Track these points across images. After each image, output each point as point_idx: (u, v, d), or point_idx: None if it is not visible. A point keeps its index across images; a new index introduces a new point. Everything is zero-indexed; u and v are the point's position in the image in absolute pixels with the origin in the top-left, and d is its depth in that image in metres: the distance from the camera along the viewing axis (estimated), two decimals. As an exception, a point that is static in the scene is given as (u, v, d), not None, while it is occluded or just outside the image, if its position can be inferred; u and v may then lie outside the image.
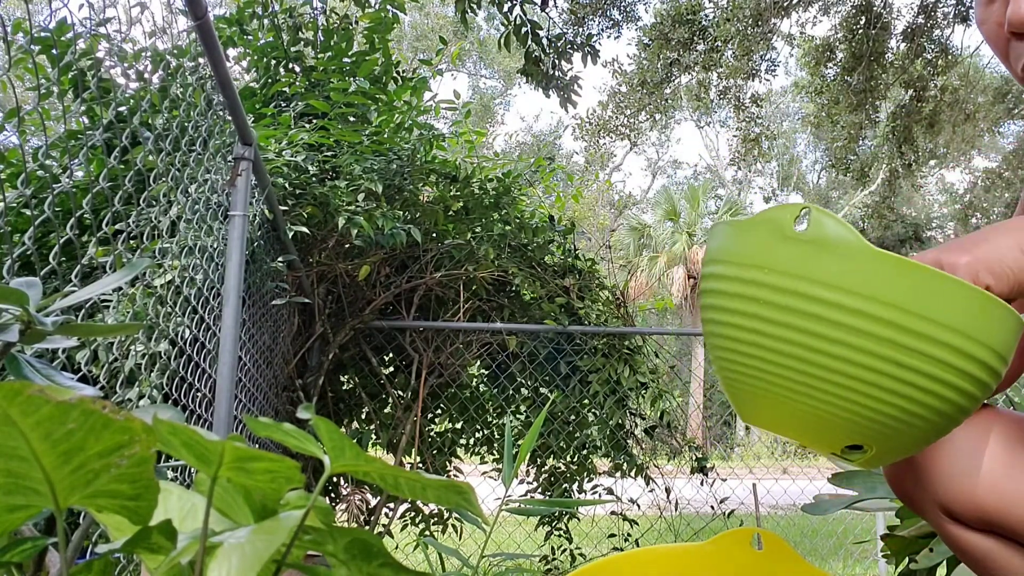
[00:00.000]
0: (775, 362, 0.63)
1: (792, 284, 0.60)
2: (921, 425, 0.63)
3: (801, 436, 0.69)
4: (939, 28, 9.01)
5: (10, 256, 1.26)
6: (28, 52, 2.00)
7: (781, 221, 0.62)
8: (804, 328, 0.60)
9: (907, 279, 0.58)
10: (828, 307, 0.59)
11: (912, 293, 0.58)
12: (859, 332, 0.58)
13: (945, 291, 0.58)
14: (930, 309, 0.57)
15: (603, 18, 8.65)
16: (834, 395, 0.62)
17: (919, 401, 0.60)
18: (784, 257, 0.61)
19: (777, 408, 0.67)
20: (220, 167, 2.25)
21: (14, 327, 0.64)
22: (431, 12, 20.90)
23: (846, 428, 0.64)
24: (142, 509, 0.48)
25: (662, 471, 4.10)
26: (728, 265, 0.66)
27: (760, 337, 0.63)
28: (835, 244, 0.59)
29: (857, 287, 0.58)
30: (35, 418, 0.41)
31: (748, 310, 0.63)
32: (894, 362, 0.58)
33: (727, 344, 0.67)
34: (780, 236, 0.62)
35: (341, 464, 0.53)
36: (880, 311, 0.58)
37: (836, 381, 0.61)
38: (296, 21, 3.45)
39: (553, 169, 4.15)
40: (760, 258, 0.62)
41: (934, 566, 1.22)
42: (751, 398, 0.69)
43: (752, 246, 0.64)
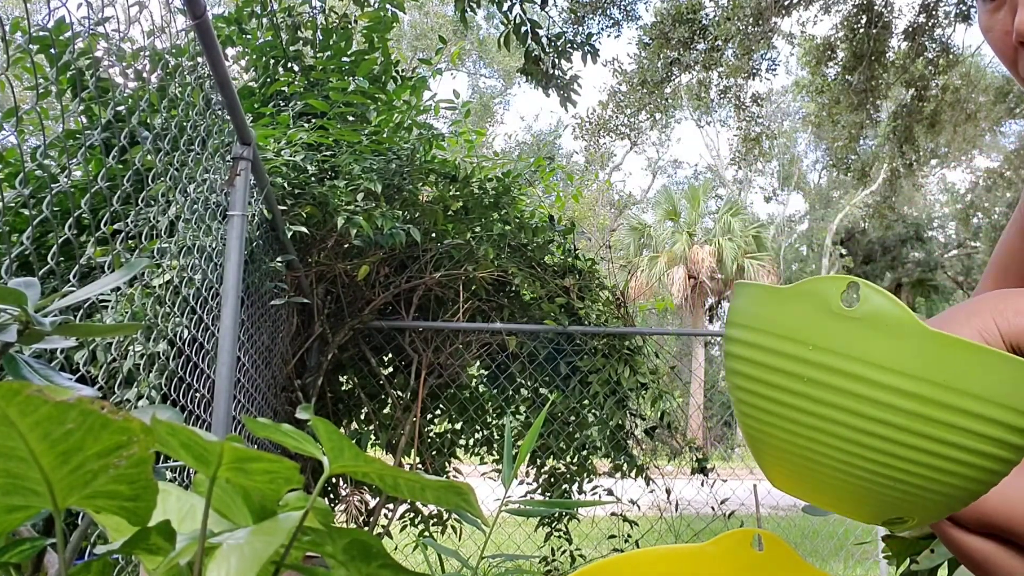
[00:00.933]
0: (816, 439, 0.62)
1: (839, 363, 0.59)
2: (960, 495, 0.62)
3: (838, 509, 0.69)
4: (940, 27, 9.00)
5: (8, 256, 1.26)
6: (26, 51, 2.00)
7: (827, 295, 0.60)
8: (850, 408, 0.59)
9: (961, 359, 0.56)
10: (879, 388, 0.58)
11: (966, 373, 0.57)
12: (908, 413, 0.57)
13: (1003, 369, 0.56)
14: (986, 388, 0.57)
15: (603, 17, 8.65)
16: (879, 473, 0.61)
17: (964, 475, 0.60)
18: (832, 334, 0.59)
19: (814, 481, 0.67)
20: (219, 167, 2.25)
21: (12, 327, 0.64)
22: (430, 11, 20.91)
23: (890, 505, 0.64)
24: (141, 510, 0.48)
25: (662, 472, 4.10)
26: (764, 335, 0.64)
27: (800, 413, 0.62)
28: (886, 322, 0.58)
29: (909, 368, 0.57)
30: (33, 418, 0.41)
31: (788, 385, 0.62)
32: (945, 442, 0.57)
33: (761, 415, 0.66)
34: (827, 311, 0.60)
35: (340, 465, 0.53)
36: (933, 392, 0.57)
37: (882, 460, 0.60)
38: (295, 20, 3.45)
39: (553, 169, 4.15)
40: (803, 334, 0.61)
41: (935, 567, 1.22)
42: (785, 468, 0.68)
43: (794, 319, 0.62)
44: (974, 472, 0.59)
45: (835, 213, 23.47)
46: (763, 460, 0.71)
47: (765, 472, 0.72)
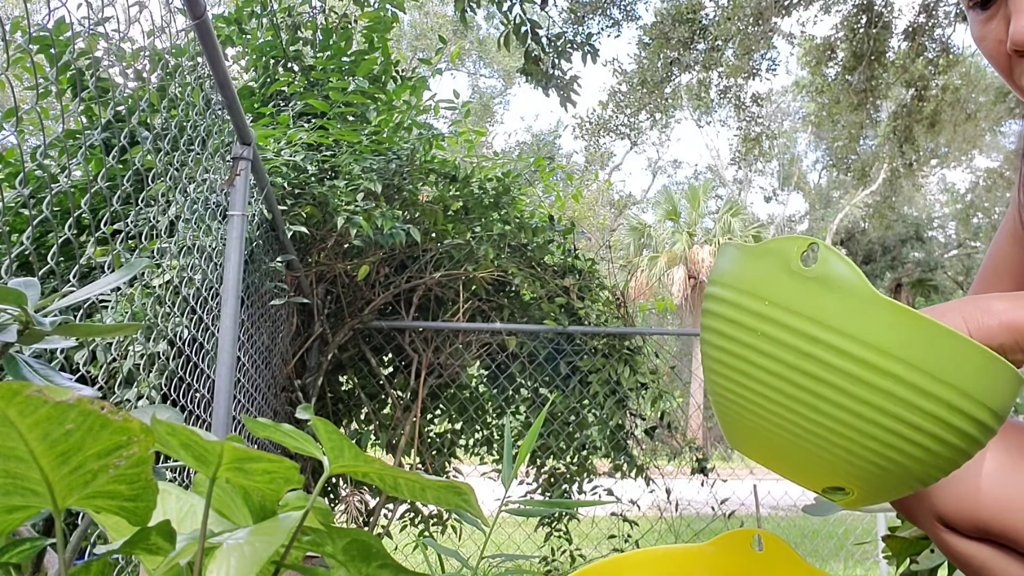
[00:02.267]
0: (764, 394, 0.63)
1: (791, 320, 0.60)
2: (904, 474, 0.62)
3: (783, 470, 0.69)
4: (940, 27, 9.00)
5: (8, 256, 1.26)
6: (26, 51, 2.00)
7: (787, 254, 0.61)
8: (797, 365, 0.59)
9: (909, 328, 0.57)
10: (824, 347, 0.58)
11: (912, 343, 0.57)
12: (852, 376, 0.57)
13: (947, 345, 0.57)
14: (929, 362, 0.56)
15: (603, 17, 8.65)
16: (820, 435, 0.61)
17: (905, 451, 0.59)
18: (786, 291, 0.60)
19: (762, 439, 0.67)
20: (219, 167, 2.25)
21: (12, 327, 0.64)
22: (430, 11, 20.90)
23: (829, 469, 0.63)
24: (140, 510, 0.48)
25: (662, 472, 4.10)
26: (730, 290, 0.66)
27: (753, 367, 0.63)
28: (839, 284, 0.58)
29: (856, 331, 0.57)
30: (33, 418, 0.41)
31: (744, 338, 0.63)
32: (884, 410, 0.57)
33: (720, 369, 0.67)
34: (785, 269, 0.61)
35: (340, 465, 0.53)
36: (877, 358, 0.57)
37: (823, 422, 0.60)
38: (295, 20, 3.45)
39: (553, 169, 4.15)
40: (762, 289, 0.62)
41: (935, 567, 1.22)
42: (738, 424, 0.69)
43: (756, 275, 0.63)
44: (915, 449, 0.59)
45: (835, 213, 23.47)
46: (722, 416, 0.71)
47: (724, 431, 0.73)
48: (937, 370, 0.57)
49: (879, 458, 0.60)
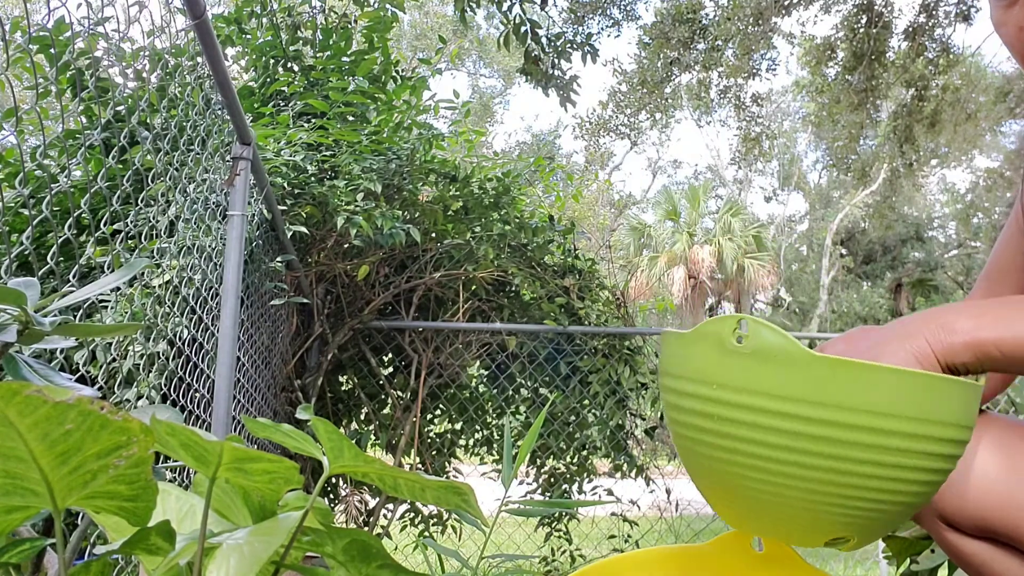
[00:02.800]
0: (743, 471, 0.63)
1: (743, 398, 0.61)
2: (896, 509, 0.63)
3: (781, 535, 0.69)
4: (940, 27, 9.00)
5: (8, 256, 1.26)
6: (26, 51, 2.00)
7: (720, 335, 0.63)
8: (764, 440, 0.60)
9: (851, 379, 0.58)
10: (783, 417, 0.59)
11: (860, 391, 0.58)
12: (817, 438, 0.58)
13: (895, 383, 0.58)
14: (883, 404, 0.58)
15: (603, 17, 8.65)
16: (807, 498, 0.62)
17: (888, 489, 0.60)
18: (728, 372, 0.62)
19: (752, 511, 0.68)
20: (218, 167, 2.25)
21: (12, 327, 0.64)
22: (430, 11, 20.90)
23: (824, 526, 0.64)
24: (140, 510, 0.48)
25: (662, 472, 4.10)
26: (679, 380, 0.67)
27: (723, 448, 0.64)
28: (774, 354, 0.60)
29: (803, 394, 0.59)
30: (33, 418, 0.41)
31: (706, 424, 0.64)
32: (858, 460, 0.58)
33: (695, 449, 0.68)
34: (722, 350, 0.62)
35: (340, 465, 0.53)
36: (834, 415, 0.58)
37: (806, 486, 0.61)
38: (295, 20, 3.45)
39: (553, 168, 4.15)
40: (706, 374, 0.63)
41: (935, 567, 1.22)
42: (729, 501, 0.70)
43: (697, 362, 0.65)
44: (897, 485, 0.60)
45: (835, 213, 23.46)
46: (708, 496, 0.72)
47: (717, 510, 0.73)
48: (894, 408, 0.58)
49: (870, 503, 0.61)
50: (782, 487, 0.62)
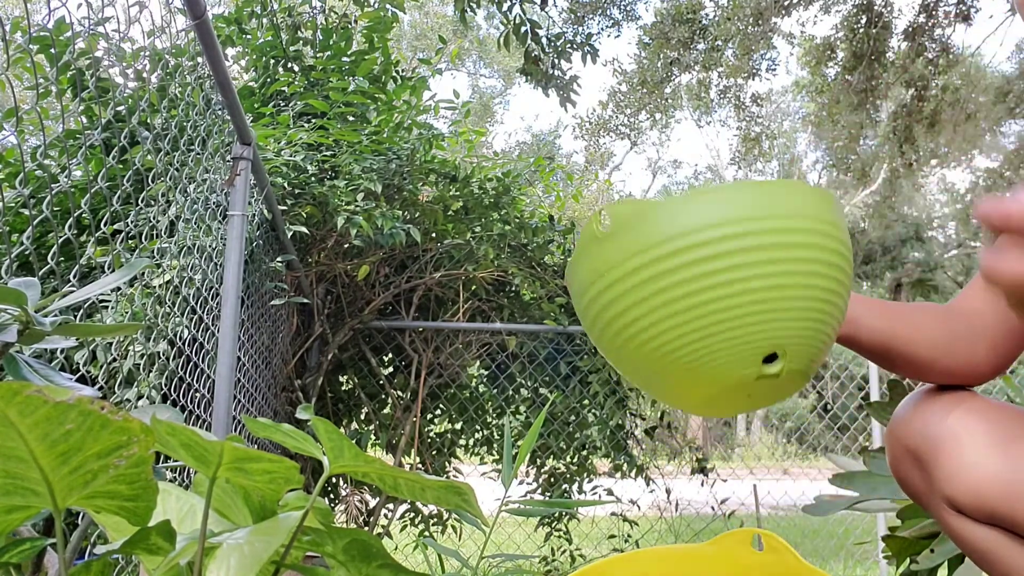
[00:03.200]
0: (668, 337, 0.70)
1: (630, 265, 0.69)
2: (806, 306, 0.69)
3: (721, 378, 0.73)
4: (940, 27, 9.00)
5: (8, 256, 1.26)
6: (26, 51, 2.00)
7: (591, 231, 0.72)
8: (662, 292, 0.68)
9: (701, 203, 0.68)
10: (668, 260, 0.68)
11: (710, 211, 0.68)
12: (701, 263, 0.67)
13: (728, 194, 0.68)
14: (729, 215, 0.67)
15: (603, 17, 8.65)
16: (725, 323, 0.68)
17: (788, 284, 0.68)
18: (611, 253, 0.71)
19: (690, 370, 0.72)
20: (219, 167, 2.25)
21: (12, 327, 0.64)
22: (430, 11, 20.90)
23: (752, 346, 0.70)
24: (141, 510, 0.48)
25: (662, 472, 4.10)
26: (584, 293, 0.74)
27: (639, 331, 0.71)
28: (632, 217, 0.70)
29: (671, 233, 0.68)
30: (33, 418, 0.41)
31: (617, 311, 0.71)
32: (737, 268, 0.67)
33: (622, 354, 0.74)
34: (598, 241, 0.71)
35: (340, 465, 0.53)
36: (702, 237, 0.67)
37: (718, 314, 0.68)
38: (295, 20, 3.45)
39: (553, 169, 4.15)
40: (598, 268, 0.72)
41: (935, 567, 1.22)
42: (668, 377, 0.74)
43: (587, 264, 0.73)
44: (789, 278, 0.68)
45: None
46: (649, 384, 0.77)
47: (658, 395, 0.79)
48: (747, 213, 0.67)
49: (776, 304, 0.68)
50: (702, 325, 0.68)
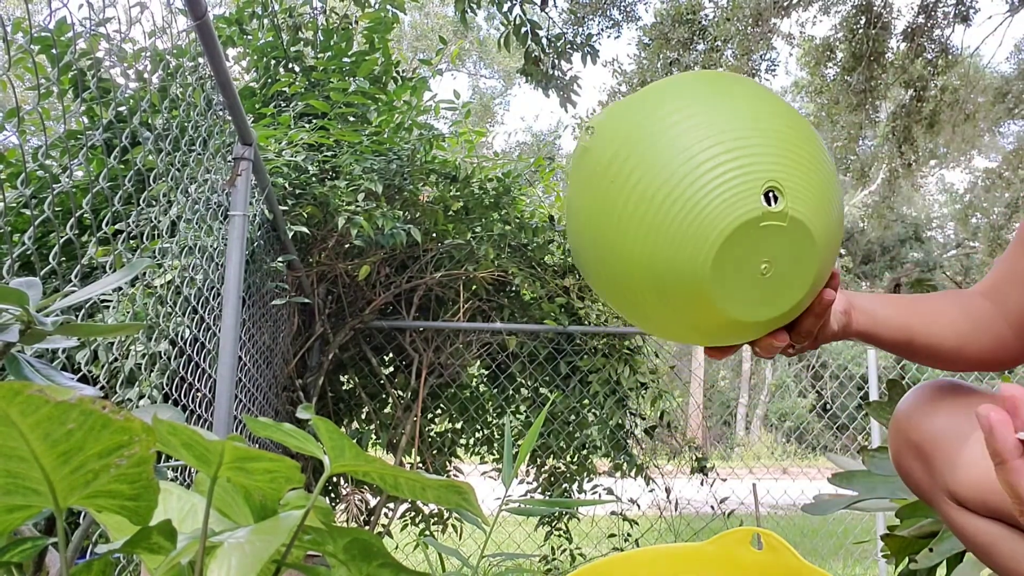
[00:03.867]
0: (665, 178, 0.73)
1: (621, 164, 0.75)
2: (792, 146, 0.73)
3: (721, 222, 0.73)
4: (939, 28, 9.00)
5: (10, 256, 1.26)
6: (28, 52, 2.00)
7: (578, 149, 0.78)
8: (653, 148, 0.73)
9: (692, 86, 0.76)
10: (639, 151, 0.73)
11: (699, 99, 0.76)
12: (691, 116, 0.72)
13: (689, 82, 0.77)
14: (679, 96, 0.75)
15: (603, 18, 8.65)
16: (713, 158, 0.71)
17: (767, 129, 0.72)
18: (610, 135, 0.77)
19: (692, 220, 0.73)
20: (220, 167, 2.25)
21: (14, 327, 0.64)
22: (431, 12, 20.90)
23: (744, 178, 0.71)
24: (142, 509, 0.48)
25: (662, 471, 4.10)
26: (584, 224, 0.79)
27: (644, 181, 0.74)
28: (607, 123, 0.77)
29: (630, 130, 0.75)
30: (35, 418, 0.41)
31: (611, 216, 0.75)
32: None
33: (636, 207, 0.76)
34: (583, 150, 0.79)
35: (341, 464, 0.53)
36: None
37: (705, 148, 0.71)
38: (296, 21, 3.45)
39: (553, 169, 4.15)
40: (610, 148, 0.77)
41: (934, 566, 1.22)
42: (671, 240, 0.75)
43: (577, 185, 0.80)
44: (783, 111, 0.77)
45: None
46: (646, 263, 0.78)
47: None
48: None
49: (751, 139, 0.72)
50: (693, 167, 0.71)
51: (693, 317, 0.75)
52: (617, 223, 0.72)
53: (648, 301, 0.76)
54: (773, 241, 0.71)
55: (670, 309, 0.75)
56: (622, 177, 0.72)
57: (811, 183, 0.72)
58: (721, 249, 0.70)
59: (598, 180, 0.74)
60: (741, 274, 0.72)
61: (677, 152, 0.70)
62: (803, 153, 0.72)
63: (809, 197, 0.72)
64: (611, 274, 0.76)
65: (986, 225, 20.49)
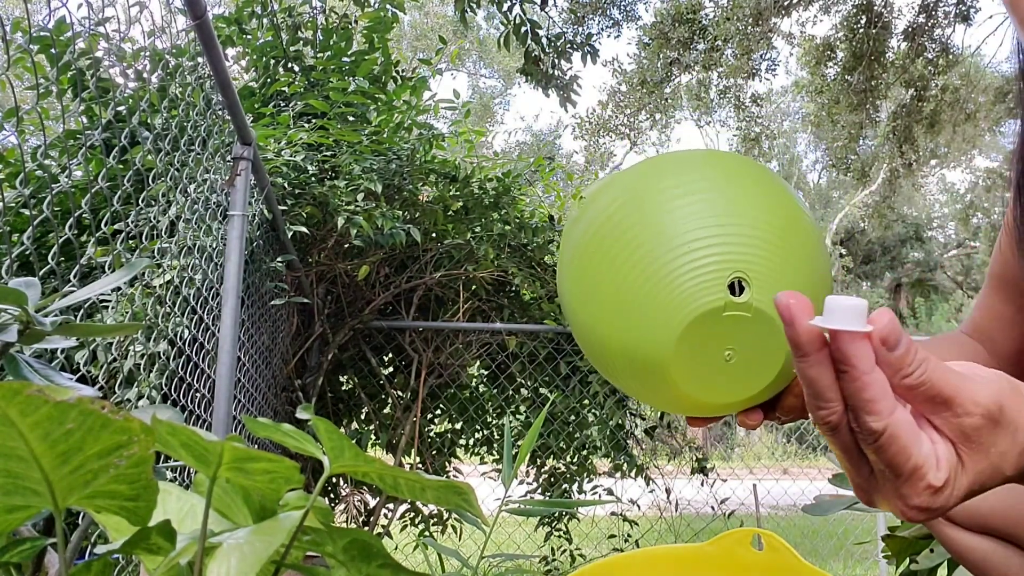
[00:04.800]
0: (635, 259, 0.76)
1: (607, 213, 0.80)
2: (764, 233, 0.75)
3: (684, 307, 0.74)
4: (940, 27, 9.00)
5: (9, 256, 1.26)
6: (27, 51, 2.00)
7: (575, 210, 0.87)
8: (622, 232, 0.76)
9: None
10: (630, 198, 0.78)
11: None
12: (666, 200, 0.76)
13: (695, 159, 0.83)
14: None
15: (603, 17, 8.65)
16: (683, 245, 0.73)
17: (741, 212, 0.75)
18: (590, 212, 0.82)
19: (657, 298, 0.75)
20: (219, 167, 2.25)
21: (13, 327, 0.64)
22: (431, 11, 20.90)
23: (710, 267, 0.73)
24: (141, 509, 0.48)
25: (662, 471, 4.10)
26: (571, 241, 0.84)
27: (614, 258, 0.77)
28: (593, 193, 0.83)
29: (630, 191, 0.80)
30: (34, 418, 0.41)
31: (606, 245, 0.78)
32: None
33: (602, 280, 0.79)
34: (576, 221, 0.85)
35: (340, 464, 0.53)
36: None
37: (677, 234, 0.74)
38: (295, 20, 3.45)
39: (553, 168, 4.15)
40: (586, 224, 0.82)
41: (935, 567, 1.22)
42: (640, 309, 0.77)
43: (569, 232, 0.87)
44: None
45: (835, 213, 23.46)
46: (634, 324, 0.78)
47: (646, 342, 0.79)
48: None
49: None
50: (662, 252, 0.73)
51: (663, 394, 0.77)
52: (596, 290, 0.75)
53: (623, 374, 0.78)
54: (737, 330, 0.71)
55: (640, 384, 0.77)
56: (607, 243, 0.74)
57: (786, 276, 0.72)
58: (684, 333, 0.71)
59: (587, 242, 0.77)
60: (705, 359, 0.73)
61: (661, 231, 0.72)
62: (787, 245, 0.72)
63: (780, 281, 0.72)
64: (590, 343, 0.79)
65: (987, 225, 20.50)
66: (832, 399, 0.49)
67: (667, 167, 0.77)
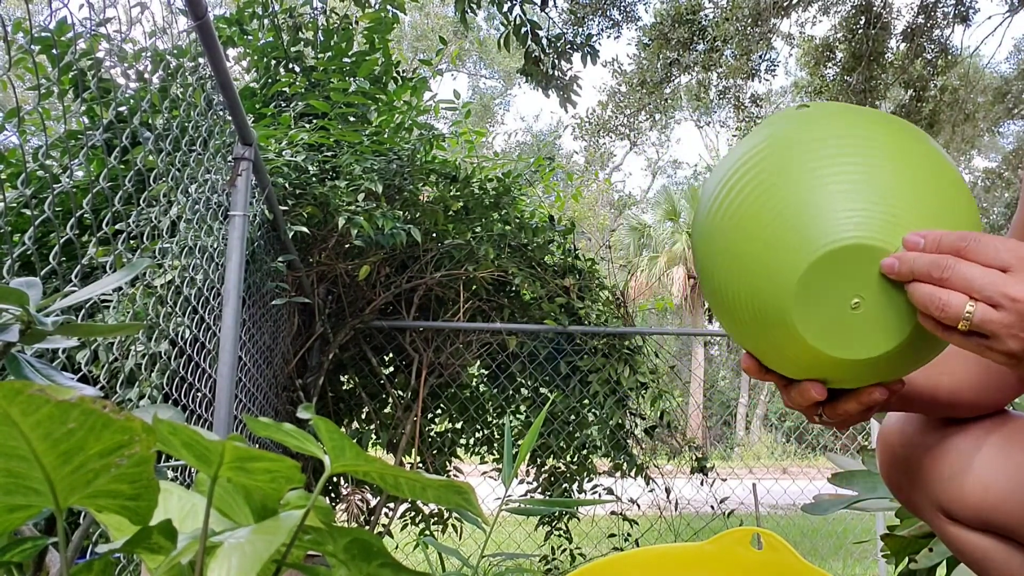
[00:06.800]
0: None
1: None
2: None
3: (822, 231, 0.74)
4: (939, 28, 9.00)
5: (10, 256, 1.26)
6: (28, 52, 2.00)
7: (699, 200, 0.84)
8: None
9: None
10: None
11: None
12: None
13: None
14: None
15: (603, 18, 8.65)
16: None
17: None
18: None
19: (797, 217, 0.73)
20: (220, 167, 2.25)
21: (14, 327, 0.64)
22: (431, 12, 20.90)
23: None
24: (142, 509, 0.48)
25: (662, 471, 4.10)
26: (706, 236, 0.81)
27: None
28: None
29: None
30: (35, 418, 0.42)
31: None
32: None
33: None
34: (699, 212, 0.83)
35: (341, 464, 0.53)
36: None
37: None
38: (296, 21, 3.45)
39: (553, 169, 4.15)
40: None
41: (934, 566, 1.22)
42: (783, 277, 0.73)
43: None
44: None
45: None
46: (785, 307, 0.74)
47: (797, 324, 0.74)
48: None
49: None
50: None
51: (790, 351, 0.72)
52: (726, 235, 0.72)
53: (749, 330, 0.74)
54: (866, 275, 0.68)
55: (768, 343, 0.73)
56: (741, 183, 0.72)
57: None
58: (809, 271, 0.68)
59: (721, 182, 0.75)
60: (830, 306, 0.69)
61: (797, 180, 0.70)
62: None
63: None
64: (714, 293, 0.75)
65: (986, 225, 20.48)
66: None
67: (821, 120, 0.73)
